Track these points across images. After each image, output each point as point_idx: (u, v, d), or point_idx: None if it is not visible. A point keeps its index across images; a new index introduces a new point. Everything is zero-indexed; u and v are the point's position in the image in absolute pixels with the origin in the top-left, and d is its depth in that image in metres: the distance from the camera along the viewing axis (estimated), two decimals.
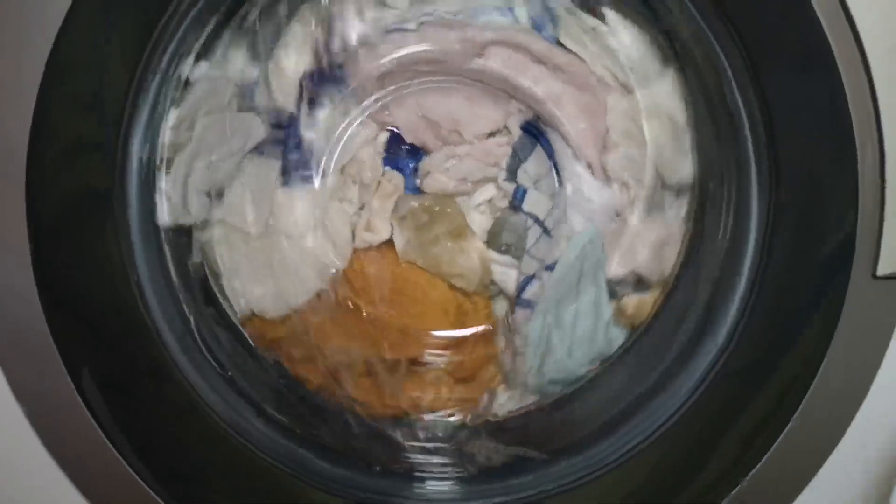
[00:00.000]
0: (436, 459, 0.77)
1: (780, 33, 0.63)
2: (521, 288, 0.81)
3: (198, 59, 0.73)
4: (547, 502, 0.71)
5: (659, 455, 0.70)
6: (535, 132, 0.80)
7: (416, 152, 0.82)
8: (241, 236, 0.77)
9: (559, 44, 0.75)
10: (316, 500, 0.71)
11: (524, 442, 0.76)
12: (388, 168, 0.82)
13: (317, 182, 0.78)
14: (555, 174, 0.80)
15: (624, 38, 0.75)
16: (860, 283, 0.64)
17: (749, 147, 0.67)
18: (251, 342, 0.79)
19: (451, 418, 0.80)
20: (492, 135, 0.80)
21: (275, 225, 0.77)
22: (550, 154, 0.79)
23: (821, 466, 0.67)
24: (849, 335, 0.64)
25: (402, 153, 0.82)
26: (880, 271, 0.64)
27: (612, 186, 0.77)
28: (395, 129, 0.80)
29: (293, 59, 0.75)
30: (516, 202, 0.81)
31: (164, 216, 0.74)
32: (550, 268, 0.79)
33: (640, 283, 0.79)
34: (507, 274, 0.82)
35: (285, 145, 0.77)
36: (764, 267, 0.67)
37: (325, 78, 0.76)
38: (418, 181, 0.82)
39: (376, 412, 0.78)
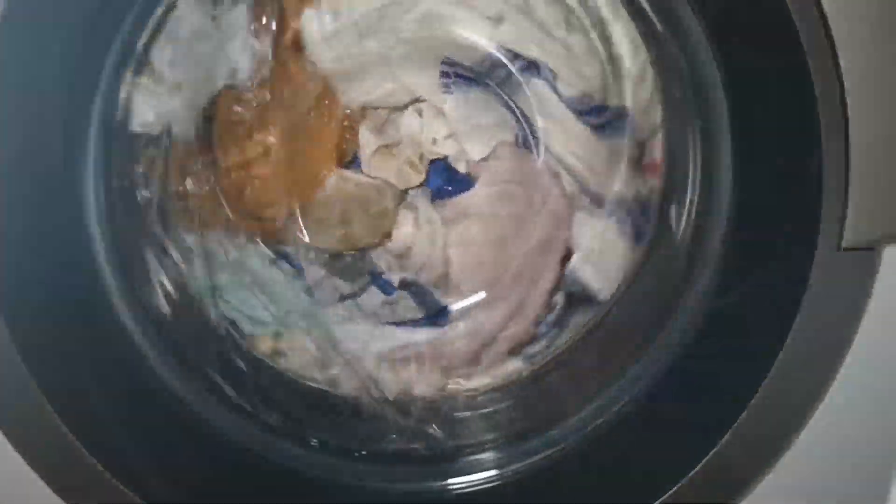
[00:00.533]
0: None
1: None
2: None
3: None
4: None
5: (621, 433, 0.68)
6: None
7: None
8: None
9: None
10: None
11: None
12: None
13: None
14: None
15: None
16: (826, 255, 0.62)
17: (716, 119, 0.66)
18: None
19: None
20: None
21: None
22: None
23: (786, 449, 0.64)
24: (815, 309, 0.63)
25: None
26: (846, 243, 0.62)
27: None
28: None
29: None
30: None
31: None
32: None
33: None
34: None
35: None
36: (729, 242, 0.66)
37: None
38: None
39: None
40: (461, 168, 0.82)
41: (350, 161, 0.82)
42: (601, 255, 0.80)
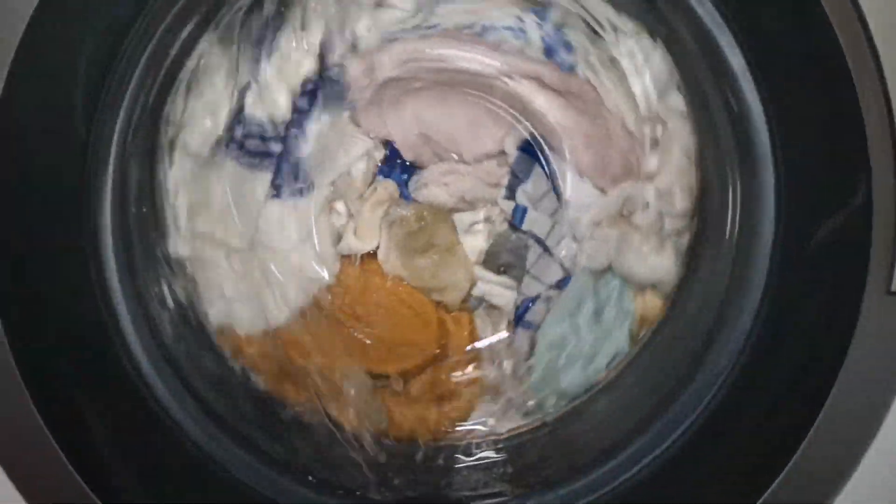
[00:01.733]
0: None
1: (787, 34, 0.61)
2: (524, 309, 0.79)
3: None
4: None
5: (660, 482, 0.66)
6: (533, 151, 0.77)
7: (411, 166, 0.80)
8: (223, 251, 0.75)
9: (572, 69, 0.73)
10: None
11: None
12: (381, 177, 0.79)
13: (308, 195, 0.76)
14: (554, 193, 0.78)
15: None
16: (874, 299, 0.61)
17: (758, 158, 0.64)
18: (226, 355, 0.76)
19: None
20: (490, 156, 0.78)
21: (261, 239, 0.75)
22: (550, 174, 0.77)
23: (836, 493, 0.63)
24: (863, 353, 0.61)
25: (396, 166, 0.80)
26: (895, 287, 0.61)
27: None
28: (392, 144, 0.78)
29: (288, 67, 0.73)
30: (515, 221, 0.79)
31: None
32: (555, 287, 0.77)
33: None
34: (504, 295, 0.79)
35: (278, 158, 0.75)
36: (774, 285, 0.64)
37: (319, 88, 0.74)
38: (411, 192, 0.80)
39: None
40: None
41: None
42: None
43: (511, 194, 0.79)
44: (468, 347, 0.79)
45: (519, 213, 0.79)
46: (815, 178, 0.62)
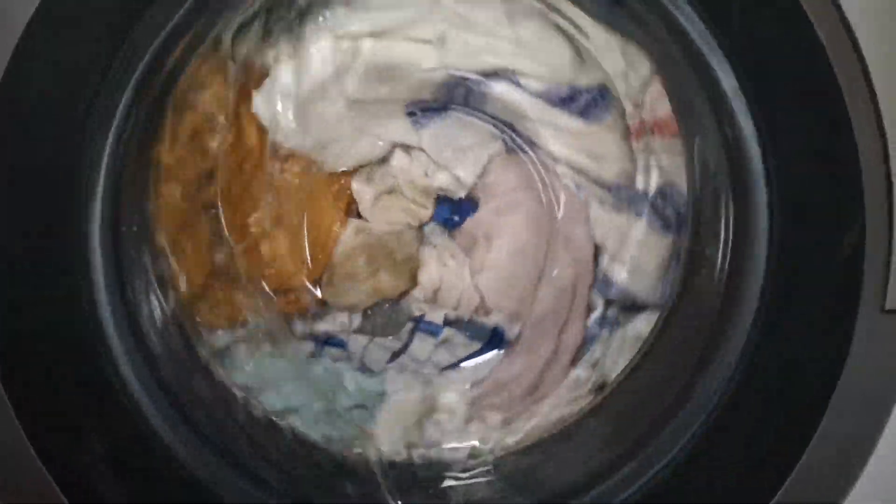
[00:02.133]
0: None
1: (778, 55, 0.61)
2: None
3: None
4: None
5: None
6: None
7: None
8: None
9: None
10: None
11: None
12: None
13: None
14: None
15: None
16: (869, 317, 0.61)
17: (751, 178, 0.64)
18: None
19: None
20: None
21: None
22: None
23: None
24: (858, 372, 0.61)
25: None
26: (889, 305, 0.61)
27: None
28: None
29: None
30: None
31: None
32: None
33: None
34: None
35: None
36: (767, 303, 0.64)
37: None
38: None
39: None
40: (461, 194, 0.80)
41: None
42: (633, 254, 0.77)
43: None
44: None
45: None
46: (809, 198, 0.62)
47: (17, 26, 0.58)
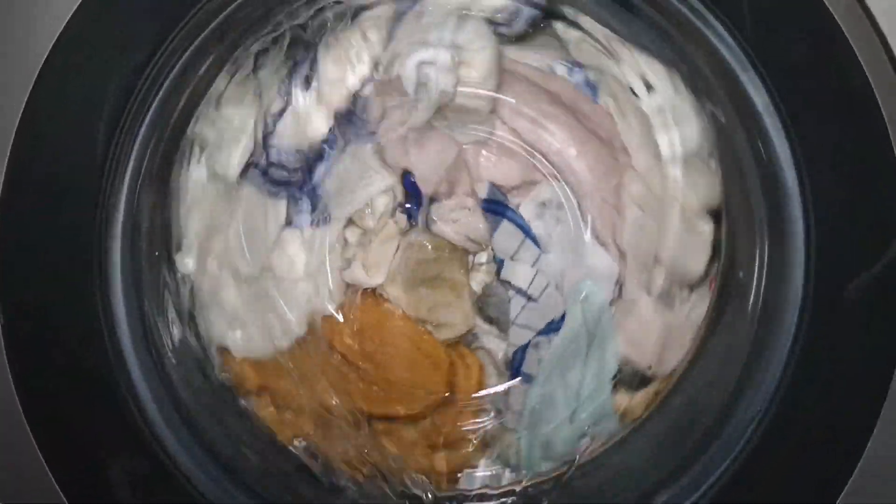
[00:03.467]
0: None
1: (812, 71, 0.58)
2: (519, 361, 0.77)
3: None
4: None
5: None
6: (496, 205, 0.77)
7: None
8: (230, 274, 0.74)
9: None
10: None
11: None
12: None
13: (324, 227, 0.75)
14: (532, 243, 0.76)
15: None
16: None
17: (786, 201, 0.61)
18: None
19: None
20: None
21: (271, 265, 0.74)
22: (521, 226, 0.76)
23: None
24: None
25: (411, 199, 0.78)
26: None
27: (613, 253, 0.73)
28: (412, 177, 0.77)
29: (330, 94, 0.72)
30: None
31: None
32: (545, 332, 0.75)
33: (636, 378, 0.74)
34: (495, 343, 0.78)
35: (298, 187, 0.74)
36: (805, 334, 0.61)
37: (349, 120, 0.74)
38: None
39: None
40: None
41: None
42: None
43: None
44: (475, 395, 0.77)
45: (497, 265, 0.78)
46: (846, 220, 0.59)
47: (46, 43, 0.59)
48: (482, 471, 0.77)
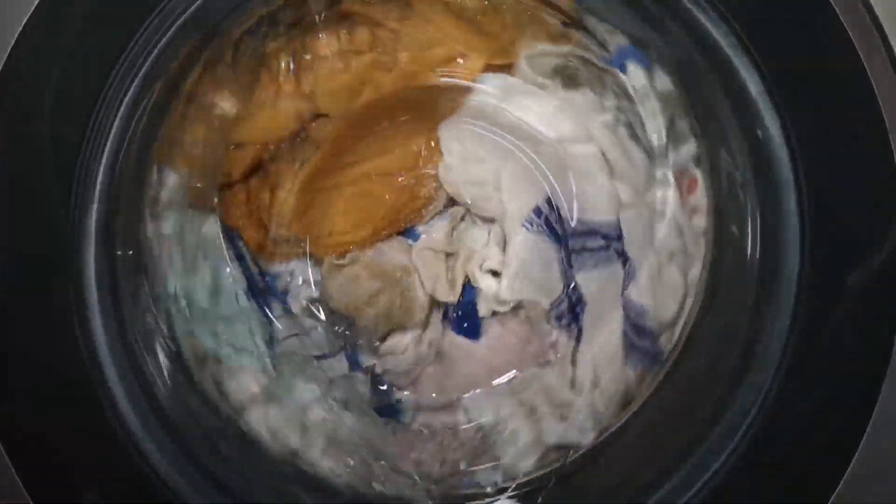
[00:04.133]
0: None
1: (805, 55, 0.58)
2: None
3: None
4: None
5: None
6: None
7: None
8: None
9: None
10: None
11: None
12: None
13: None
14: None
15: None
16: None
17: (780, 187, 0.61)
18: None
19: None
20: None
21: None
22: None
23: None
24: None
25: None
26: None
27: None
28: None
29: None
30: None
31: None
32: None
33: None
34: None
35: None
36: (802, 318, 0.60)
37: None
38: None
39: None
40: (481, 309, 0.76)
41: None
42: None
43: None
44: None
45: None
46: (842, 207, 0.59)
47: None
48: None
